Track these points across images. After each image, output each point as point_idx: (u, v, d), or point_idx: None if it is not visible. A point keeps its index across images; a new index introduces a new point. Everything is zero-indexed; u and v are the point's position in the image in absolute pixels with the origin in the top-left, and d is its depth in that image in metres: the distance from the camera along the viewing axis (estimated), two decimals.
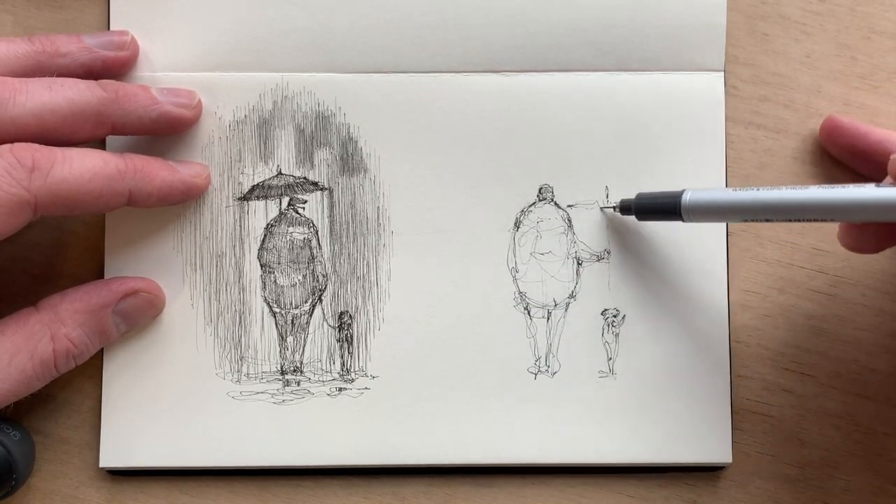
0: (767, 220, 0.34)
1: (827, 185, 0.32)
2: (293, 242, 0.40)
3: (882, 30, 0.41)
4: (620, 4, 0.40)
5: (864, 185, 0.32)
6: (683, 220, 0.36)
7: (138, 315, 0.38)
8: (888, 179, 0.32)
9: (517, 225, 0.40)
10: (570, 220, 0.40)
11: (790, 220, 0.34)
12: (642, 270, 0.40)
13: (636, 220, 0.39)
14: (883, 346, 0.40)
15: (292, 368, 0.39)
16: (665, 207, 0.37)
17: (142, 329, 0.39)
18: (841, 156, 0.40)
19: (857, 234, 0.35)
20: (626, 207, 0.39)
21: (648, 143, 0.40)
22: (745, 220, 0.35)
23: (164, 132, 0.38)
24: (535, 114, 0.40)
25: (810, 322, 0.40)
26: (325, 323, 0.40)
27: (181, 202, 0.38)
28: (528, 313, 0.40)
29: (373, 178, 0.40)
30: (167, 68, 0.40)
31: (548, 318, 0.40)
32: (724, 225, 0.40)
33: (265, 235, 0.40)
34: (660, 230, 0.39)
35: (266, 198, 0.40)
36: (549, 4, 0.40)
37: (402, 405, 0.39)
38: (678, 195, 0.36)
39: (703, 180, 0.40)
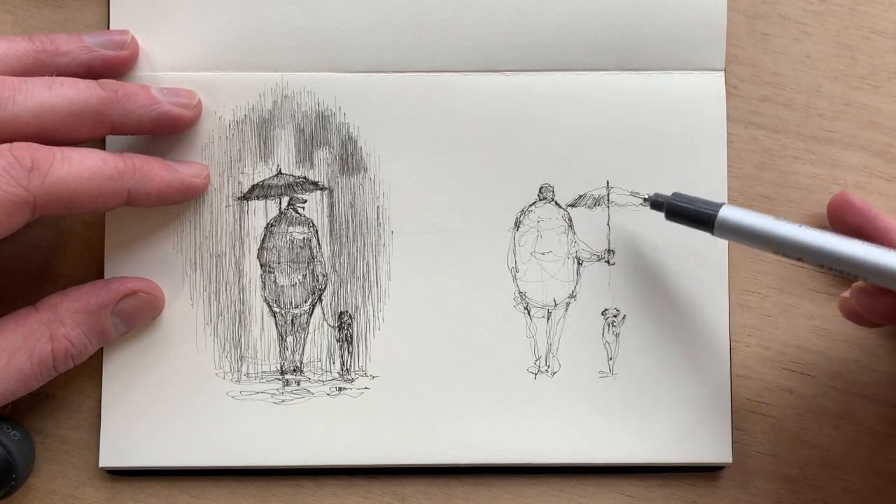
0: (799, 260, 0.34)
1: (871, 244, 0.33)
2: (293, 242, 0.40)
3: (882, 30, 0.41)
4: (620, 4, 0.40)
5: None
6: (712, 234, 0.36)
7: (137, 316, 0.38)
8: None
9: (517, 225, 0.40)
10: (570, 220, 0.40)
11: (821, 266, 0.34)
12: (642, 270, 0.40)
13: (664, 218, 0.37)
14: (883, 346, 0.40)
15: (292, 368, 0.39)
16: (699, 217, 0.36)
17: (142, 329, 0.39)
18: (844, 232, 0.39)
19: (871, 303, 0.35)
20: (657, 203, 0.37)
21: (649, 142, 0.40)
22: (776, 253, 0.34)
23: (164, 132, 0.38)
24: (535, 114, 0.40)
25: (810, 322, 0.40)
26: (325, 323, 0.40)
27: (180, 202, 0.38)
28: (528, 313, 0.40)
29: (373, 178, 0.40)
30: (167, 68, 0.40)
31: (548, 318, 0.40)
32: None
33: (265, 235, 0.40)
34: (661, 229, 0.39)
35: (266, 197, 0.40)
36: (549, 4, 0.40)
37: (402, 405, 0.39)
38: (716, 208, 0.35)
39: (703, 180, 0.40)
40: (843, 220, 0.39)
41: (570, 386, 0.39)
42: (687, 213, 0.36)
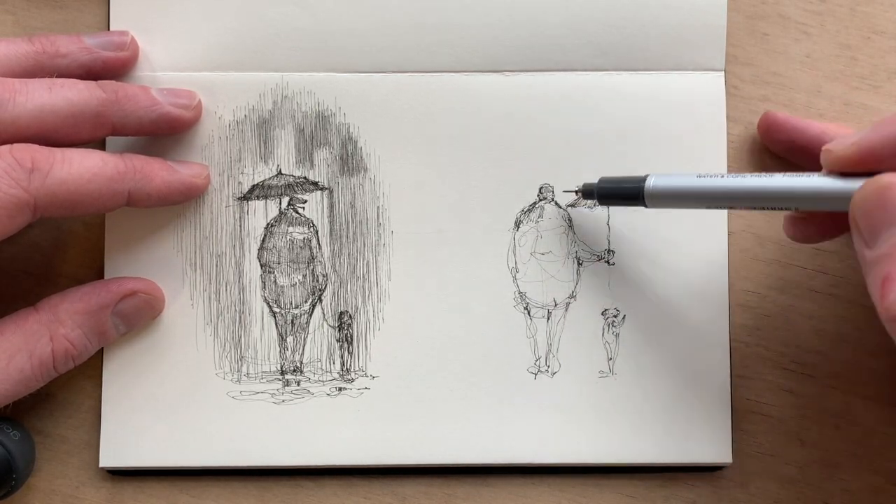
0: (731, 208, 0.34)
1: (791, 174, 0.32)
2: (293, 242, 0.40)
3: (882, 30, 0.41)
4: (620, 4, 0.40)
5: (827, 174, 0.32)
6: (647, 206, 0.36)
7: (137, 316, 0.38)
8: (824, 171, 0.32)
9: (517, 225, 0.40)
10: (570, 220, 0.40)
11: (753, 208, 0.33)
12: (642, 270, 0.40)
13: (598, 203, 0.38)
14: (883, 347, 0.40)
15: (292, 368, 0.39)
16: (628, 193, 0.36)
17: (142, 329, 0.39)
18: (780, 151, 0.40)
19: (804, 225, 0.36)
20: (588, 192, 0.38)
21: (649, 143, 0.40)
22: (709, 207, 0.34)
23: (164, 133, 0.38)
24: (535, 114, 0.40)
25: (810, 322, 0.40)
26: (325, 323, 0.40)
27: (181, 202, 0.38)
28: (528, 313, 0.40)
29: (373, 178, 0.40)
30: (167, 68, 0.40)
31: (548, 318, 0.40)
32: (724, 224, 0.40)
33: (265, 235, 0.40)
34: (661, 229, 0.39)
35: (266, 197, 0.40)
36: (549, 4, 0.40)
37: (402, 405, 0.39)
38: (642, 180, 0.35)
39: None
40: (774, 139, 0.39)
41: (570, 386, 0.39)
42: (617, 192, 0.37)
